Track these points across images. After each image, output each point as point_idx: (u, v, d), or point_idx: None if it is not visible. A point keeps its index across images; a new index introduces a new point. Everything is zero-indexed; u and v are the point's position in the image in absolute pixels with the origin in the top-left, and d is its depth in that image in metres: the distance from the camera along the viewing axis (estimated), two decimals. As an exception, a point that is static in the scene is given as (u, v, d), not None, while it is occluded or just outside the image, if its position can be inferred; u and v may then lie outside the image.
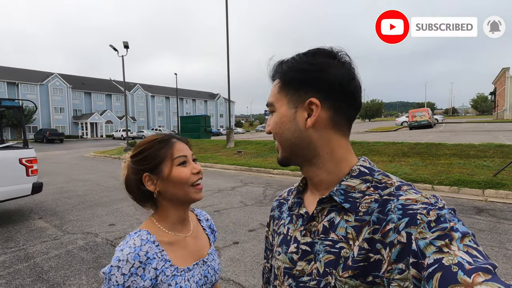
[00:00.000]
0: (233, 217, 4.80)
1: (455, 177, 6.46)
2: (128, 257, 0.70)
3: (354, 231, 0.54)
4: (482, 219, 4.39)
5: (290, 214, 0.69)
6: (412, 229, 0.46)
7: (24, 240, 4.01)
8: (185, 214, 0.86)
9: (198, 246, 0.89)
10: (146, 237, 0.76)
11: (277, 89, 0.62)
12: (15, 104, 5.44)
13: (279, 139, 0.62)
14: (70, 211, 5.41)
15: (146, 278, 0.70)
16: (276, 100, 0.62)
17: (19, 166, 4.65)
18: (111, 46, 18.71)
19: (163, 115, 66.28)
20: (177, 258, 0.80)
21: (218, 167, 10.69)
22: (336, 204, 0.58)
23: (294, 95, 0.59)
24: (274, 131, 0.62)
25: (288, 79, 0.60)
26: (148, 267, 0.72)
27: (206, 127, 24.09)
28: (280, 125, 0.61)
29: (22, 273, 3.08)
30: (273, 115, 0.63)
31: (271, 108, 0.63)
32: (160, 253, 0.76)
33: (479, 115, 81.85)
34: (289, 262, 0.62)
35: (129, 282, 0.68)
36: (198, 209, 1.04)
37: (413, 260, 0.44)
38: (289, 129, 0.60)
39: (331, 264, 0.55)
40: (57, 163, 13.88)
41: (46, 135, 33.06)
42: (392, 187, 0.55)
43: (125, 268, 0.68)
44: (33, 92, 46.15)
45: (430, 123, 24.45)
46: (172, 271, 0.76)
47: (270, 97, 0.64)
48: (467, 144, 9.66)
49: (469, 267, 0.39)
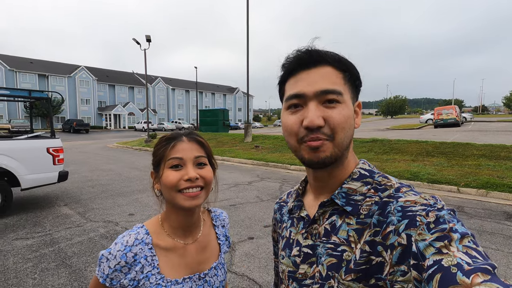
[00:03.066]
0: (249, 212, 4.81)
1: (484, 180, 6.10)
2: (117, 254, 0.71)
3: (356, 234, 0.54)
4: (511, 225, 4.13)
5: (291, 217, 0.69)
6: (411, 231, 0.46)
7: (50, 225, 4.22)
8: (187, 221, 0.79)
9: (200, 258, 0.81)
10: (142, 237, 0.74)
11: (342, 79, 0.56)
12: (44, 96, 5.70)
13: (343, 135, 0.54)
14: (93, 199, 5.64)
15: (127, 278, 0.71)
16: (345, 91, 0.56)
17: (46, 155, 4.88)
18: (134, 40, 19.16)
19: (183, 108, 67.48)
20: (169, 267, 0.75)
21: (235, 161, 10.74)
22: (337, 207, 0.58)
23: (352, 93, 0.58)
24: (343, 125, 0.54)
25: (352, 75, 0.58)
26: (134, 268, 0.72)
27: (224, 121, 24.25)
28: (351, 120, 0.56)
29: (47, 257, 3.24)
30: (341, 107, 0.54)
31: (338, 97, 0.54)
32: (151, 257, 0.73)
33: (511, 114, 76.99)
34: (292, 265, 0.63)
35: (113, 275, 0.71)
36: (220, 210, 0.96)
37: (413, 262, 0.44)
38: (352, 126, 0.57)
39: (333, 267, 0.55)
40: (82, 152, 14.50)
41: (73, 126, 34.63)
42: (392, 189, 0.55)
43: (112, 263, 0.71)
44: (62, 84, 48.34)
45: (457, 121, 23.29)
46: (157, 280, 0.73)
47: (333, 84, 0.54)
48: (498, 144, 9.10)
49: (468, 268, 0.38)
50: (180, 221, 0.79)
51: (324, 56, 0.56)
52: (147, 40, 18.52)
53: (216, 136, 17.71)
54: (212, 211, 0.94)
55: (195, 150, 0.77)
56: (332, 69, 0.56)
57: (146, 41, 18.54)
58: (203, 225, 0.87)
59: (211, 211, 0.94)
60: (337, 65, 0.56)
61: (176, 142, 0.76)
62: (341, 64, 0.56)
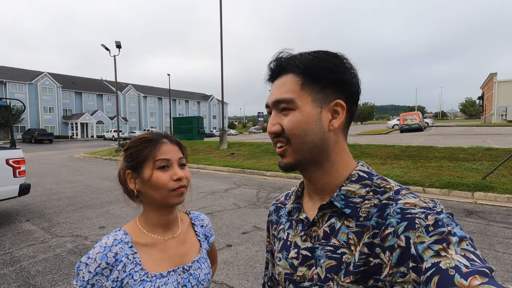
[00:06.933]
0: (226, 219, 4.76)
1: (446, 180, 6.56)
2: (97, 256, 0.70)
3: (355, 237, 0.54)
4: (472, 221, 4.46)
5: (289, 219, 0.68)
6: (410, 233, 0.46)
7: (10, 243, 3.89)
8: (167, 218, 0.81)
9: (182, 251, 0.83)
10: (120, 237, 0.75)
11: (298, 85, 0.56)
12: (3, 103, 5.29)
13: (298, 141, 0.56)
14: (59, 213, 5.28)
15: (110, 279, 0.70)
16: (299, 97, 0.56)
17: (6, 167, 4.52)
18: (103, 46, 18.46)
19: (155, 116, 65.69)
20: (152, 262, 0.76)
21: (211, 169, 10.61)
22: (336, 209, 0.58)
23: (319, 94, 0.56)
24: (294, 131, 0.55)
25: (314, 76, 0.56)
26: (115, 268, 0.71)
27: (199, 129, 23.92)
28: (305, 125, 0.55)
29: (7, 277, 2.98)
30: (292, 113, 0.56)
31: (289, 105, 0.56)
32: (132, 255, 0.74)
33: (467, 119, 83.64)
34: (289, 267, 0.62)
35: (94, 280, 0.69)
36: (198, 212, 0.98)
37: (412, 264, 0.44)
38: (313, 130, 0.56)
39: (332, 269, 0.54)
40: (46, 164, 13.58)
41: (35, 135, 32.36)
42: (391, 192, 0.55)
43: (92, 267, 0.69)
44: (22, 91, 45.13)
45: (420, 127, 24.82)
46: (141, 276, 0.73)
47: (285, 92, 0.56)
48: (456, 147, 9.83)
49: (466, 270, 0.39)
50: (160, 218, 0.80)
51: (284, 65, 0.58)
52: (117, 46, 17.90)
53: (191, 144, 17.40)
54: (190, 213, 0.96)
55: (177, 151, 0.81)
56: (292, 76, 0.57)
57: (116, 47, 17.92)
58: (182, 224, 0.88)
59: (189, 213, 0.96)
60: (297, 71, 0.56)
61: (161, 144, 0.78)
62: (300, 69, 0.56)
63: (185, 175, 0.78)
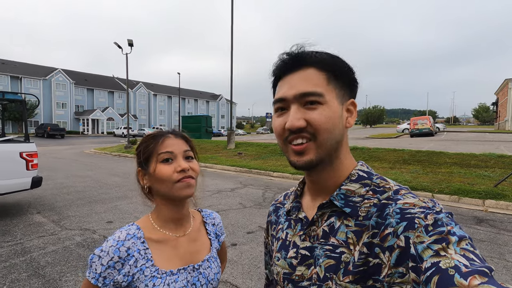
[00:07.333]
0: (232, 218, 4.79)
1: (456, 186, 6.43)
2: (110, 249, 0.71)
3: (354, 236, 0.54)
4: (482, 229, 4.36)
5: (288, 219, 0.68)
6: (410, 233, 0.46)
7: (21, 234, 3.99)
8: (179, 213, 0.82)
9: (192, 249, 0.83)
10: (133, 232, 0.75)
11: (324, 80, 0.55)
12: (18, 98, 5.45)
13: (325, 136, 0.54)
14: (69, 206, 5.40)
15: (121, 273, 0.71)
16: (327, 92, 0.55)
17: (19, 160, 4.64)
18: (115, 44, 18.76)
19: (164, 114, 66.38)
20: (163, 258, 0.77)
21: (218, 168, 10.67)
22: (336, 208, 0.58)
23: (341, 91, 0.57)
24: (324, 126, 0.53)
25: (339, 73, 0.57)
26: (127, 263, 0.72)
27: (207, 128, 24.06)
28: (333, 121, 0.54)
29: (18, 267, 3.06)
30: (322, 107, 0.54)
31: (318, 99, 0.54)
32: (144, 250, 0.75)
33: (480, 125, 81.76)
34: (288, 267, 0.62)
35: (106, 273, 0.70)
36: (210, 210, 0.99)
37: (412, 264, 0.44)
38: (338, 127, 0.56)
39: (331, 269, 0.54)
40: (57, 158, 13.88)
41: (47, 130, 33.09)
42: (390, 191, 0.55)
43: (105, 260, 0.70)
44: (36, 86, 46.27)
45: (431, 131, 24.42)
46: (152, 272, 0.73)
47: (314, 86, 0.54)
48: (468, 153, 9.63)
49: (465, 270, 0.39)
50: (171, 214, 0.81)
51: (306, 58, 0.56)
52: (129, 45, 18.19)
53: (198, 142, 17.53)
54: (202, 210, 0.96)
55: (183, 144, 0.81)
56: (315, 70, 0.56)
57: (128, 45, 18.21)
58: (193, 221, 0.89)
59: (201, 210, 0.96)
60: (320, 65, 0.56)
61: (164, 138, 0.79)
62: (324, 64, 0.56)
63: (190, 166, 0.78)
